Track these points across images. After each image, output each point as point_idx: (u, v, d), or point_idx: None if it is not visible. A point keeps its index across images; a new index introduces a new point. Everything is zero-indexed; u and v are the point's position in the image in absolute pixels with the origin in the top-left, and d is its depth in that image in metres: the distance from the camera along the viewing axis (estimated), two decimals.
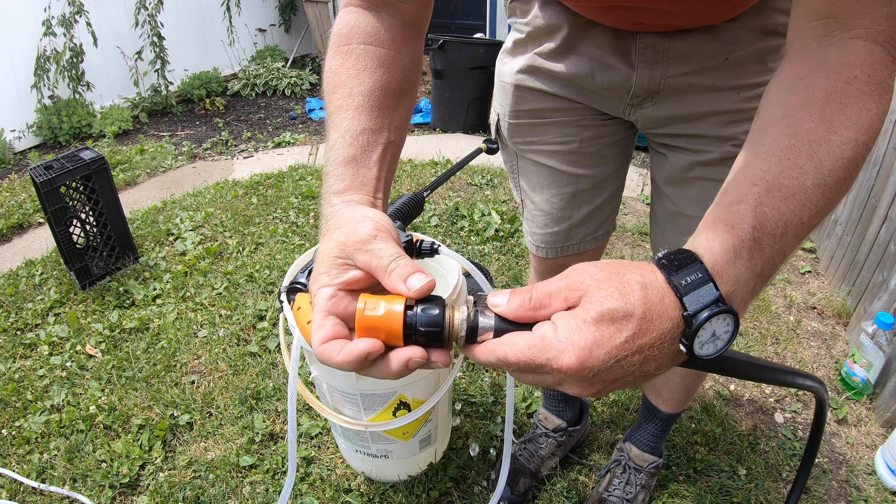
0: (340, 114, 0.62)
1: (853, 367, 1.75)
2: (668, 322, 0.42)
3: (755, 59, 0.83)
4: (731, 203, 0.47)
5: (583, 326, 0.41)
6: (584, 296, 0.42)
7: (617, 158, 1.05)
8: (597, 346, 0.41)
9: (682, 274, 0.43)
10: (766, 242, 0.45)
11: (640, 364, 0.42)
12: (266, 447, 1.59)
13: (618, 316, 0.41)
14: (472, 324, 0.46)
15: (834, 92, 0.49)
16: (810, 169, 0.47)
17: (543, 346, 0.42)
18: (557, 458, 1.49)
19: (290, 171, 3.36)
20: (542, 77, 0.94)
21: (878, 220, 1.94)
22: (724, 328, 0.44)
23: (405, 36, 0.69)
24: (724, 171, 0.91)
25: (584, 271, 0.44)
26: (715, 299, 0.42)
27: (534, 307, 0.44)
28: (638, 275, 0.43)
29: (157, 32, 4.24)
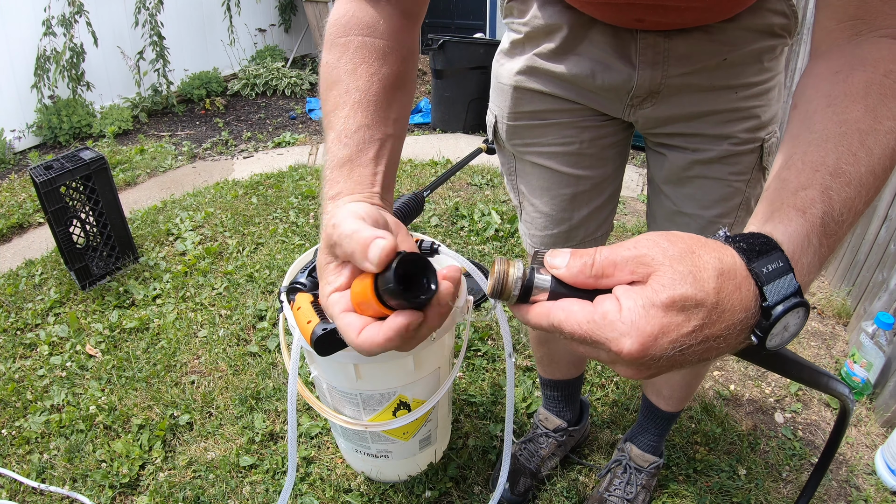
0: (337, 112, 0.61)
1: (853, 367, 1.75)
2: (741, 313, 0.39)
3: (752, 59, 0.84)
4: (797, 189, 0.45)
5: (650, 311, 0.37)
6: (653, 273, 0.39)
7: (616, 159, 1.05)
8: (662, 335, 0.38)
9: (763, 261, 0.40)
10: (831, 229, 0.44)
11: (702, 352, 0.40)
12: (266, 447, 1.59)
13: (689, 304, 0.38)
14: (528, 283, 0.42)
15: (873, 83, 0.49)
16: (863, 156, 0.46)
17: (605, 324, 0.38)
18: (558, 458, 1.49)
19: (290, 171, 3.36)
20: (542, 78, 0.94)
21: (878, 220, 1.94)
22: (795, 320, 0.41)
23: (403, 25, 0.68)
24: (722, 170, 0.92)
25: (656, 244, 0.40)
26: (794, 290, 0.40)
27: (595, 275, 0.40)
28: (715, 259, 0.39)
29: (158, 32, 4.24)
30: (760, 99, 0.88)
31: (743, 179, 0.93)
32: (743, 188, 0.94)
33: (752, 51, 0.83)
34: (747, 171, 0.93)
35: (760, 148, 0.91)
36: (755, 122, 0.89)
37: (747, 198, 0.95)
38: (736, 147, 0.90)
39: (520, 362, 1.87)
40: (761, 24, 0.81)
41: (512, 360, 0.96)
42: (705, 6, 0.76)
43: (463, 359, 1.57)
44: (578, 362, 1.41)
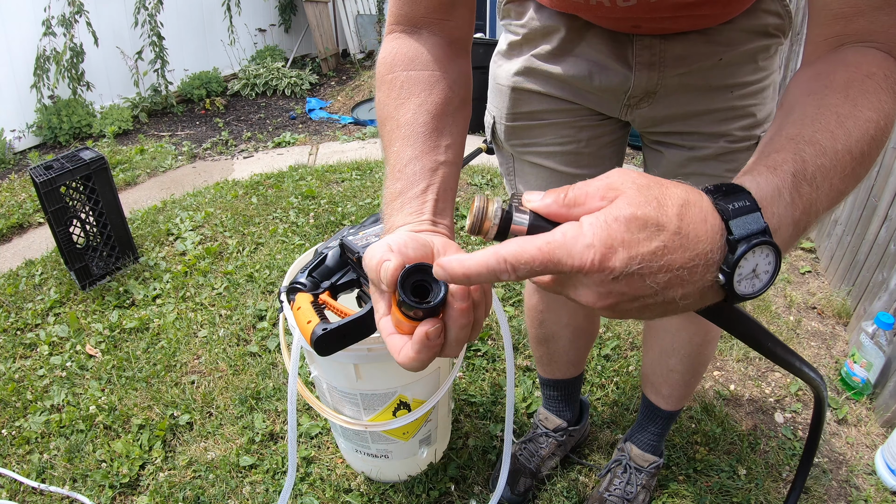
0: (390, 147, 0.63)
1: (853, 367, 1.75)
2: (706, 244, 0.39)
3: (747, 59, 0.85)
4: (770, 152, 0.47)
5: (612, 224, 0.38)
6: (619, 195, 0.39)
7: (613, 157, 1.06)
8: (623, 247, 0.38)
9: (730, 199, 0.41)
10: (804, 190, 0.44)
11: (664, 285, 0.39)
12: (266, 447, 1.59)
13: (651, 224, 0.38)
14: (506, 216, 0.43)
15: (854, 80, 0.50)
16: (840, 134, 0.47)
17: (564, 241, 0.38)
18: (558, 458, 1.49)
19: (290, 171, 3.36)
20: (539, 79, 0.94)
21: (878, 220, 1.94)
22: (765, 265, 0.41)
23: (449, 54, 0.69)
24: (718, 167, 0.93)
25: (625, 173, 0.40)
26: (762, 229, 0.40)
27: (567, 204, 0.41)
28: (682, 191, 0.40)
29: (158, 32, 4.24)
30: (756, 98, 0.89)
31: None
32: None
33: (747, 51, 0.84)
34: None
35: (756, 145, 0.92)
36: (751, 120, 0.90)
37: None
38: (732, 145, 0.91)
39: (520, 362, 1.87)
40: (756, 25, 0.82)
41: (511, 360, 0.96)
42: (700, 14, 0.78)
43: (463, 359, 1.57)
44: (578, 362, 1.41)
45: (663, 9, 0.74)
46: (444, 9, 0.69)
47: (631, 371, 1.82)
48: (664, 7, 0.74)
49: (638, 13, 0.76)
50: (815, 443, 0.78)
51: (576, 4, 0.79)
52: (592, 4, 0.76)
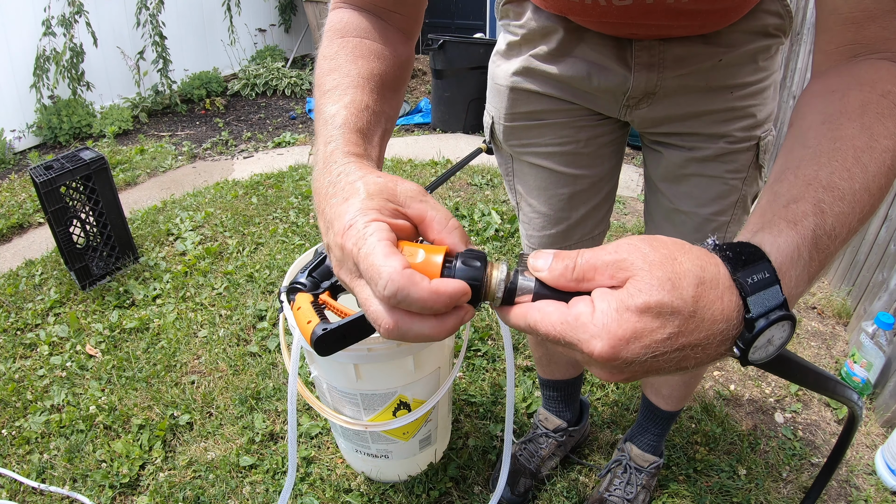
0: (340, 90, 0.58)
1: (853, 367, 1.75)
2: (722, 323, 0.38)
3: (747, 60, 0.85)
4: (789, 201, 0.45)
5: (623, 315, 0.37)
6: (631, 278, 0.38)
7: (612, 157, 1.05)
8: (634, 339, 0.37)
9: (748, 271, 0.39)
10: (823, 243, 0.43)
11: (678, 360, 0.39)
12: (266, 447, 1.59)
13: (665, 311, 0.37)
14: (511, 285, 0.43)
15: (870, 103, 0.49)
16: (858, 173, 0.46)
17: (577, 325, 0.38)
18: (558, 459, 1.49)
19: (290, 171, 3.36)
20: (538, 79, 0.94)
21: (878, 220, 1.94)
22: (780, 334, 0.40)
23: (397, 38, 0.69)
24: (718, 168, 0.93)
25: (636, 248, 0.39)
26: (780, 303, 0.39)
27: (576, 279, 0.41)
28: (697, 266, 0.38)
29: (159, 32, 4.24)
30: (756, 98, 0.88)
31: (739, 177, 0.94)
32: (739, 186, 0.94)
33: (747, 51, 0.83)
34: (743, 169, 0.93)
35: (756, 146, 0.92)
36: (751, 120, 0.89)
37: (744, 196, 0.96)
38: (732, 145, 0.91)
39: (520, 362, 1.87)
40: (756, 26, 0.82)
41: (511, 359, 0.95)
42: (697, 24, 0.78)
43: (463, 359, 1.57)
44: (577, 363, 1.41)
45: (659, 13, 0.74)
46: (393, 4, 0.69)
47: None
48: (659, 12, 0.73)
49: (633, 16, 0.75)
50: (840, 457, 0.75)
51: (570, 5, 0.79)
52: (587, 4, 0.75)
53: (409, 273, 0.39)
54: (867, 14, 0.51)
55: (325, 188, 0.49)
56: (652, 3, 0.72)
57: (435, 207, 0.46)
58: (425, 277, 0.40)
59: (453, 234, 0.45)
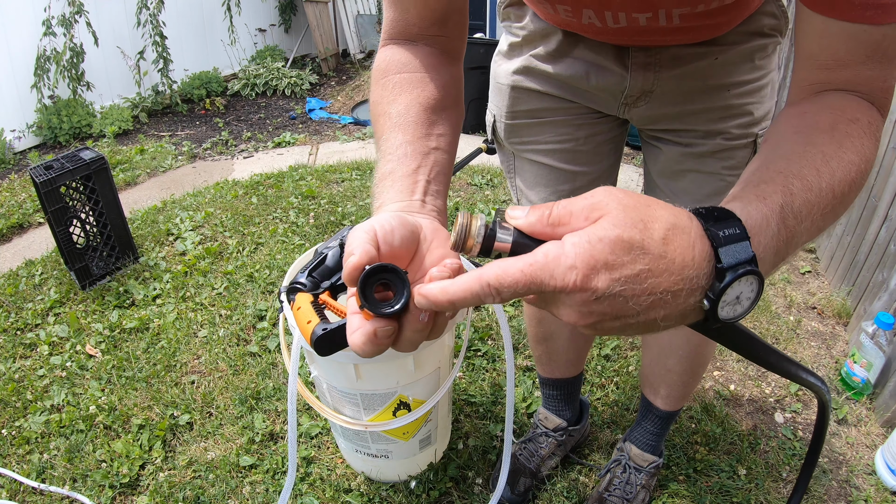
0: (382, 138, 0.63)
1: (853, 367, 1.75)
2: (692, 270, 0.39)
3: (744, 58, 0.86)
4: (759, 182, 0.47)
5: (595, 245, 0.37)
6: (604, 216, 0.39)
7: (611, 155, 1.07)
8: (606, 269, 0.37)
9: (720, 225, 0.41)
10: (790, 222, 0.45)
11: (647, 307, 0.39)
12: (266, 447, 1.59)
13: (635, 247, 0.38)
14: (490, 233, 0.42)
15: (840, 123, 0.52)
16: (825, 173, 0.48)
17: (546, 261, 0.38)
18: (557, 458, 1.49)
19: (290, 171, 3.36)
20: (538, 78, 0.95)
21: (878, 220, 1.94)
22: (749, 292, 0.41)
23: (442, 61, 0.71)
24: (715, 164, 0.94)
25: (611, 193, 0.40)
26: (749, 258, 0.40)
27: (552, 223, 0.41)
28: (670, 214, 0.40)
29: (160, 32, 4.24)
30: (753, 96, 0.89)
31: (736, 174, 0.95)
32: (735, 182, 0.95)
33: (743, 50, 0.85)
34: (740, 166, 0.94)
35: (754, 143, 0.93)
36: (748, 118, 0.90)
37: None
38: (729, 142, 0.92)
39: (520, 362, 1.87)
40: (752, 26, 0.83)
41: (511, 359, 0.96)
42: (691, 37, 0.80)
43: (463, 359, 1.57)
44: (577, 361, 1.41)
45: (652, 32, 0.76)
46: (438, 25, 0.70)
47: (631, 371, 1.82)
48: (653, 31, 0.75)
49: (628, 34, 0.78)
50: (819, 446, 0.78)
51: (568, 22, 0.81)
52: (584, 24, 0.78)
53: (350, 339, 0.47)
54: (840, 63, 0.55)
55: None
56: (645, 25, 0.73)
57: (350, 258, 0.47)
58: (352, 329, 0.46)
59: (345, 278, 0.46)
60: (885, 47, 0.53)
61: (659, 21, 0.72)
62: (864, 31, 0.52)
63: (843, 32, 0.53)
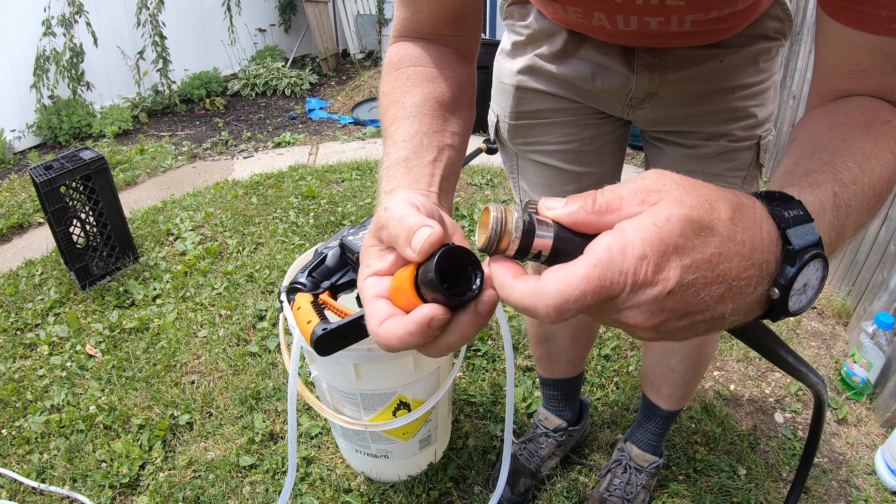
0: (394, 125, 0.60)
1: (853, 367, 1.75)
2: (762, 253, 0.35)
3: (748, 61, 0.86)
4: (808, 172, 0.44)
5: (664, 226, 0.32)
6: (664, 198, 0.33)
7: (615, 155, 1.07)
8: (678, 254, 0.32)
9: (784, 206, 0.37)
10: (842, 212, 0.43)
11: (718, 298, 0.34)
12: (266, 447, 1.59)
13: (704, 228, 0.33)
14: (529, 227, 0.35)
15: (874, 122, 0.50)
16: (867, 169, 0.46)
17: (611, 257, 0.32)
18: (558, 458, 1.49)
19: (290, 171, 3.36)
20: (543, 78, 0.95)
21: (878, 220, 1.94)
22: (815, 280, 0.38)
23: (456, 60, 0.70)
24: (718, 166, 0.94)
25: (663, 174, 0.35)
26: (816, 240, 0.37)
27: (598, 211, 0.35)
28: (731, 194, 0.36)
29: (159, 32, 4.23)
30: (757, 98, 0.89)
31: (739, 175, 0.95)
32: (739, 184, 0.96)
33: (747, 53, 0.85)
34: (744, 168, 0.95)
35: (757, 145, 0.93)
36: (752, 120, 0.90)
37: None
38: (732, 144, 0.92)
39: (520, 362, 1.87)
40: (757, 29, 0.83)
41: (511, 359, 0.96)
42: (700, 40, 0.80)
43: (463, 359, 1.57)
44: (578, 361, 1.41)
45: (661, 36, 0.76)
46: (452, 25, 0.69)
47: (631, 371, 1.82)
48: (662, 35, 0.75)
49: (637, 38, 0.77)
50: (814, 444, 0.78)
51: (577, 24, 0.80)
52: (594, 26, 0.77)
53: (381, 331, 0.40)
54: (865, 73, 0.53)
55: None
56: (656, 28, 0.73)
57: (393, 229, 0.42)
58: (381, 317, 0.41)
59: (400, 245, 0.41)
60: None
61: (671, 26, 0.72)
62: (890, 43, 0.51)
63: (867, 44, 0.52)
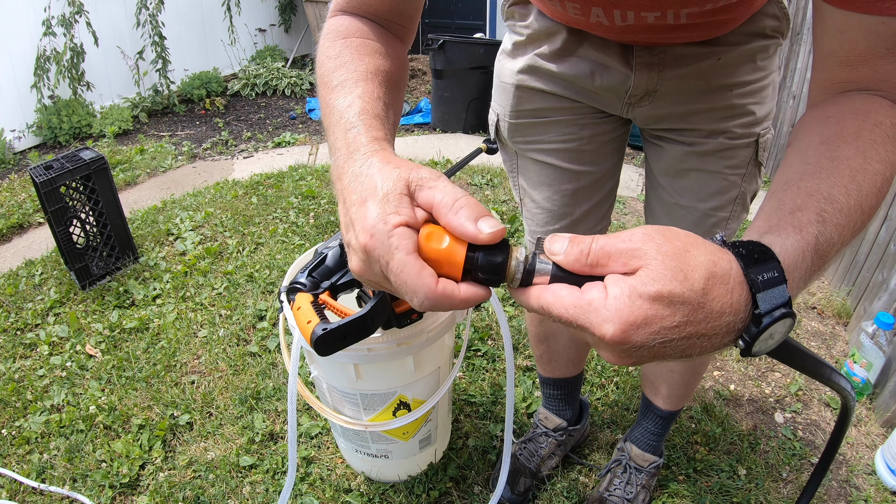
0: (350, 83, 0.59)
1: (853, 367, 1.75)
2: (730, 316, 0.41)
3: (746, 59, 0.86)
4: (794, 209, 0.47)
5: (636, 301, 0.39)
6: (643, 267, 0.40)
7: (614, 154, 1.07)
8: (644, 325, 0.39)
9: (759, 269, 0.41)
10: (823, 249, 0.46)
11: (684, 348, 0.41)
12: (266, 447, 1.59)
13: (675, 300, 0.39)
14: (529, 267, 0.45)
15: (864, 129, 0.52)
16: (853, 190, 0.48)
17: (589, 309, 0.40)
18: (558, 458, 1.49)
19: (290, 171, 3.36)
20: (543, 77, 0.96)
21: (878, 220, 1.94)
22: (781, 330, 0.43)
23: (395, 41, 0.72)
24: (717, 163, 0.94)
25: (651, 238, 0.41)
26: (786, 301, 0.41)
27: (590, 264, 0.42)
28: (709, 261, 0.40)
29: (159, 32, 4.24)
30: (755, 96, 0.90)
31: (738, 173, 0.95)
32: (738, 182, 0.96)
33: (745, 51, 0.85)
34: (743, 165, 0.95)
35: (756, 143, 0.93)
36: (750, 118, 0.91)
37: (743, 192, 0.98)
38: (731, 141, 0.92)
39: (520, 362, 1.87)
40: (754, 27, 0.84)
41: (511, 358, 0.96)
42: (697, 34, 0.80)
43: (463, 359, 1.57)
44: (578, 360, 1.41)
45: (659, 29, 0.76)
46: (395, 13, 0.72)
47: (631, 371, 1.82)
48: (660, 28, 0.76)
49: (635, 32, 0.78)
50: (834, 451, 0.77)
51: (576, 20, 0.81)
52: (592, 22, 0.78)
53: (440, 291, 0.44)
54: (861, 58, 0.54)
55: (349, 181, 0.49)
56: (653, 23, 0.74)
57: (442, 190, 0.46)
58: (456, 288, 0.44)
59: (459, 216, 0.44)
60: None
61: (667, 19, 0.73)
62: (884, 23, 0.52)
63: (861, 25, 0.53)
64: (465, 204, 0.45)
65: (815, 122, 0.56)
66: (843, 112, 0.54)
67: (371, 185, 0.47)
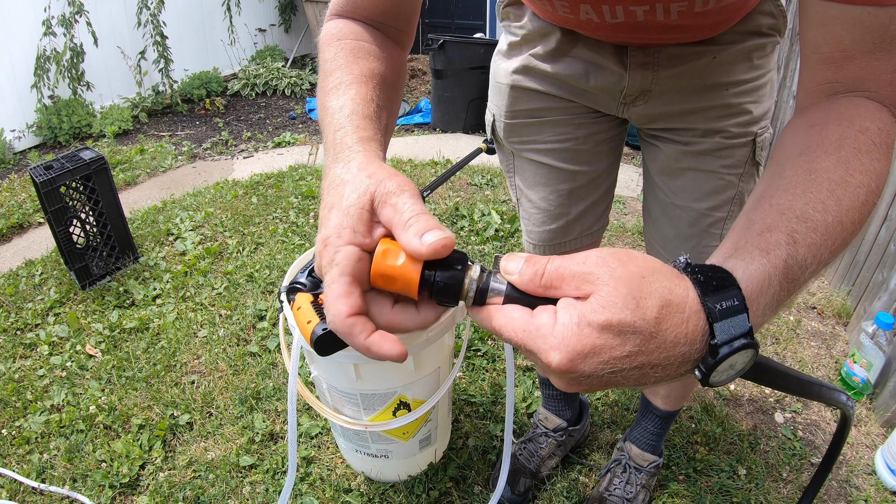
0: (344, 86, 0.60)
1: (853, 367, 1.75)
2: (685, 346, 0.39)
3: (742, 58, 0.86)
4: (763, 230, 0.45)
5: (584, 330, 0.38)
6: (595, 293, 0.38)
7: (610, 154, 1.07)
8: (592, 354, 0.38)
9: (718, 297, 0.39)
10: (793, 273, 0.44)
11: (637, 377, 0.40)
12: (266, 447, 1.59)
13: (626, 329, 0.37)
14: (483, 286, 0.44)
15: (847, 137, 0.49)
16: (832, 205, 0.46)
17: (538, 335, 0.39)
18: (557, 458, 1.49)
19: (290, 171, 3.36)
20: (537, 77, 0.96)
21: (878, 220, 1.94)
22: (743, 360, 0.41)
23: (392, 45, 0.72)
24: (714, 162, 0.94)
25: (605, 263, 0.39)
26: (746, 331, 0.39)
27: (544, 286, 0.41)
28: (665, 288, 0.39)
29: (160, 32, 4.24)
30: (751, 95, 0.89)
31: (735, 173, 0.95)
32: (735, 182, 0.95)
33: (741, 49, 0.85)
34: (740, 165, 0.94)
35: (753, 142, 0.93)
36: (747, 117, 0.90)
37: (740, 192, 0.97)
38: (727, 140, 0.92)
39: (520, 362, 1.87)
40: (750, 25, 0.83)
41: (512, 360, 0.96)
42: (689, 35, 0.79)
43: (463, 359, 1.57)
44: None
45: (650, 29, 0.76)
46: (390, 16, 0.71)
47: None
48: (650, 27, 0.75)
49: (626, 31, 0.78)
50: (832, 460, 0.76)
51: (567, 19, 0.81)
52: (582, 20, 0.78)
53: (350, 323, 0.43)
54: (846, 54, 0.52)
55: (328, 182, 0.50)
56: (643, 20, 0.73)
57: (400, 208, 0.44)
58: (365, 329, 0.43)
59: (408, 232, 0.43)
60: (892, 32, 0.50)
61: (657, 15, 0.72)
62: (869, 14, 0.49)
63: (845, 17, 0.50)
64: (418, 220, 0.43)
65: (797, 130, 0.54)
66: (827, 118, 0.52)
67: (339, 194, 0.47)
